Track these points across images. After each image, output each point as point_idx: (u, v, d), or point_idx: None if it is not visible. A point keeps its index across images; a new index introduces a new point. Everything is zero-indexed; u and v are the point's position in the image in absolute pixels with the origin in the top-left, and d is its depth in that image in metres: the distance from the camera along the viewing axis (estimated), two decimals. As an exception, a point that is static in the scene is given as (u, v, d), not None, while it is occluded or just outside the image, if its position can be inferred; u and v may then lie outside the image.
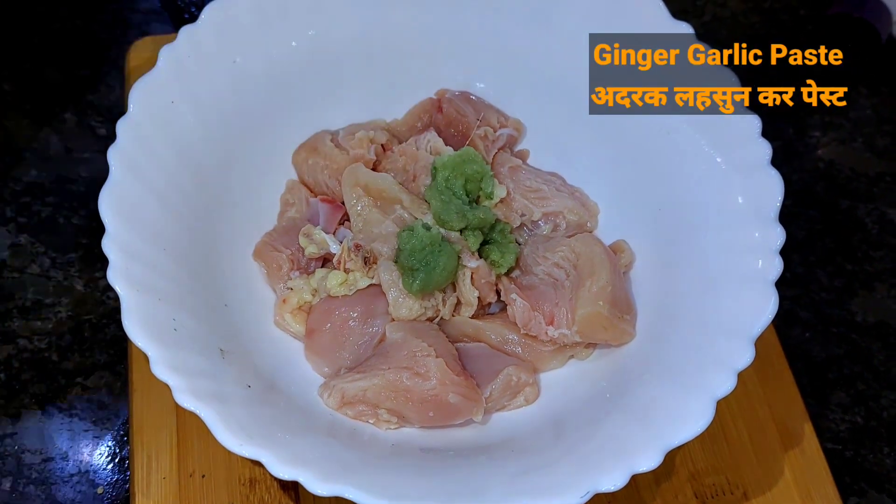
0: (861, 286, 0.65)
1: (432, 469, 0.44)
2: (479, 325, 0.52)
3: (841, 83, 0.74)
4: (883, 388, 0.60)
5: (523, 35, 0.55)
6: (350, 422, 0.48)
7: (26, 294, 0.59)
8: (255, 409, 0.43)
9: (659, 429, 0.42)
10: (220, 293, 0.50)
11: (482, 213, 0.52)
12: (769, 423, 0.54)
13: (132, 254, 0.45)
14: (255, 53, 0.53)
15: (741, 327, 0.44)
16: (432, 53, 0.56)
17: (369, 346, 0.50)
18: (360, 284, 0.50)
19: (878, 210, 0.69)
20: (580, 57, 0.55)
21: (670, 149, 0.52)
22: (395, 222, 0.52)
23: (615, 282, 0.51)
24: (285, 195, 0.56)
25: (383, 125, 0.58)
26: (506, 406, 0.50)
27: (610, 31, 0.53)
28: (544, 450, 0.46)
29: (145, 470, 0.49)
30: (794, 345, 0.61)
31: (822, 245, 0.67)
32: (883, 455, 0.58)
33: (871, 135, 0.73)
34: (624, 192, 0.55)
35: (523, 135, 0.58)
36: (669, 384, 0.45)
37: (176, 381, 0.41)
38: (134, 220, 0.46)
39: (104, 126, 0.66)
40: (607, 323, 0.49)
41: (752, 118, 0.49)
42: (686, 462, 0.52)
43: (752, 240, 0.47)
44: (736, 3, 0.79)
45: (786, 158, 0.71)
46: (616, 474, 0.40)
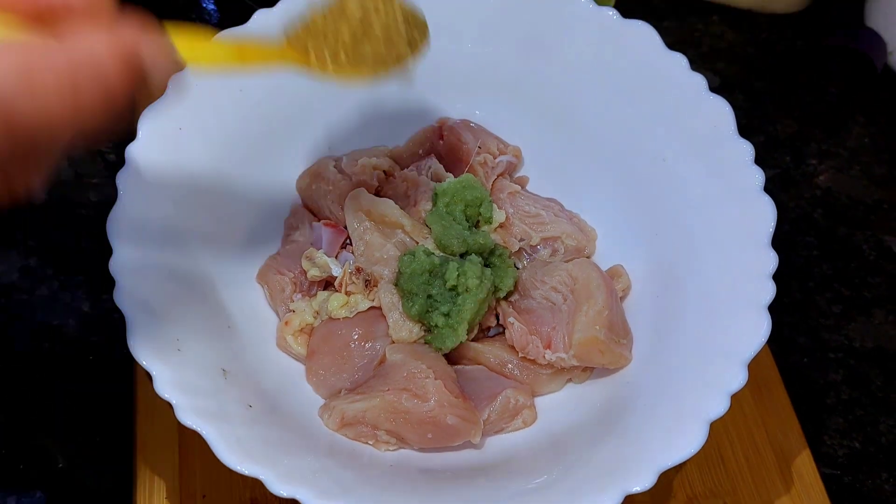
0: (859, 312, 0.65)
1: (430, 489, 0.45)
2: (478, 347, 0.52)
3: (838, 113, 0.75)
4: (881, 413, 0.61)
5: (522, 64, 0.57)
6: (349, 442, 0.48)
7: (34, 316, 0.60)
8: (256, 428, 0.44)
9: (653, 450, 0.43)
10: (223, 315, 0.51)
11: (482, 238, 0.53)
12: (767, 448, 0.54)
13: (138, 276, 0.46)
14: (260, 82, 0.54)
15: (735, 350, 0.45)
16: (433, 82, 0.57)
17: (369, 367, 0.50)
18: (360, 307, 0.51)
19: (876, 237, 0.69)
20: (577, 85, 0.56)
21: (665, 175, 0.53)
22: (397, 246, 0.53)
23: (612, 306, 0.51)
24: (289, 219, 0.57)
25: (386, 152, 0.59)
26: (504, 428, 0.50)
27: (606, 61, 0.54)
28: (541, 471, 0.46)
29: (148, 490, 0.50)
30: (792, 370, 0.61)
31: (819, 271, 0.67)
32: (881, 481, 0.58)
33: (868, 163, 0.74)
34: (621, 217, 0.56)
35: (522, 161, 0.59)
36: (663, 406, 0.45)
37: (178, 400, 0.42)
38: (140, 243, 0.47)
39: (113, 152, 0.67)
40: (604, 347, 0.50)
41: (744, 145, 0.50)
42: (684, 486, 0.53)
43: (746, 264, 0.48)
44: (732, 34, 0.81)
45: (783, 186, 0.72)
46: (610, 495, 0.41)
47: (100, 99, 0.26)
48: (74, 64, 0.25)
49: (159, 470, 0.50)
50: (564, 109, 0.57)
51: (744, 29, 0.81)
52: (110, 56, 0.26)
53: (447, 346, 0.50)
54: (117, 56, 0.26)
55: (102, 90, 0.26)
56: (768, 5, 0.81)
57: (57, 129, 0.26)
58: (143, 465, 0.50)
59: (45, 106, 0.25)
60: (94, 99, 0.26)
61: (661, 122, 0.54)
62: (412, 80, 0.36)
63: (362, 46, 0.34)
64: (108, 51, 0.26)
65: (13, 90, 0.24)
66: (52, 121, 0.26)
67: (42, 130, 0.26)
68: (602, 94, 0.56)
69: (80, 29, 0.26)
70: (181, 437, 0.51)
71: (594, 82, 0.56)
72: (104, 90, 0.26)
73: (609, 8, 0.55)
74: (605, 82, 0.55)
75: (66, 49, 0.25)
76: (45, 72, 0.25)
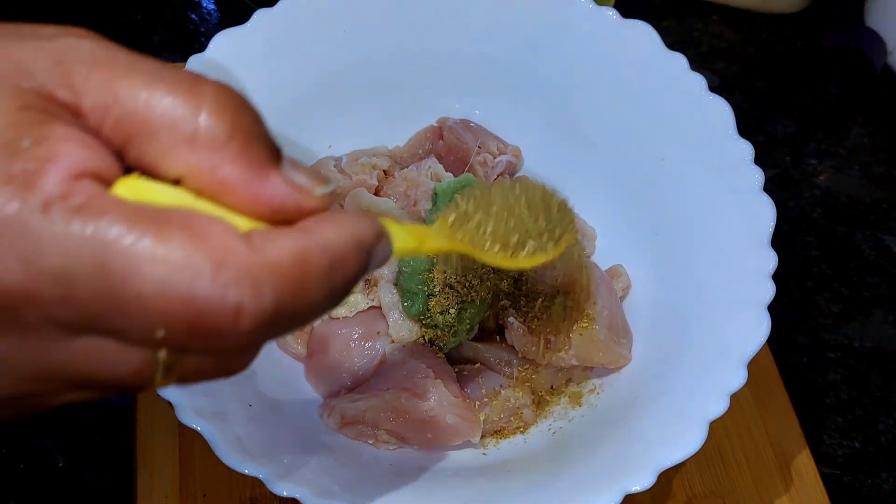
0: (858, 312, 0.65)
1: (430, 488, 0.45)
2: (478, 347, 0.52)
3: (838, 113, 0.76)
4: (881, 413, 0.61)
5: (522, 64, 0.57)
6: (349, 442, 0.48)
7: (35, 315, 0.60)
8: (255, 427, 0.44)
9: (652, 450, 0.43)
10: (223, 315, 0.51)
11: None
12: (766, 447, 0.54)
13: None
14: (261, 83, 0.54)
15: (734, 350, 0.45)
16: (433, 82, 0.58)
17: (369, 367, 0.51)
18: (360, 306, 0.51)
19: (875, 236, 0.69)
20: (577, 85, 0.56)
21: (665, 176, 0.53)
22: (396, 246, 0.53)
23: (611, 306, 0.51)
24: (289, 219, 0.57)
25: (386, 152, 0.59)
26: (504, 428, 0.51)
27: (605, 61, 0.54)
28: (541, 471, 0.46)
29: (148, 489, 0.50)
30: (792, 370, 0.61)
31: (819, 271, 0.67)
32: (881, 480, 0.58)
33: (867, 163, 0.74)
34: (620, 217, 0.56)
35: (522, 161, 0.59)
36: (663, 406, 0.45)
37: (179, 400, 0.42)
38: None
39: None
40: (603, 347, 0.50)
41: (744, 145, 0.50)
42: (683, 486, 0.53)
43: (746, 264, 0.48)
44: (732, 34, 0.81)
45: (783, 186, 0.72)
46: (609, 494, 0.41)
47: (341, 293, 0.27)
48: (333, 261, 0.26)
49: (159, 470, 0.50)
50: (564, 109, 0.57)
51: (743, 29, 0.81)
52: (353, 251, 0.26)
53: (447, 345, 0.50)
54: (357, 250, 0.27)
55: (344, 285, 0.27)
56: (768, 5, 0.81)
57: (306, 320, 0.26)
58: (143, 465, 0.51)
59: (312, 304, 0.26)
60: (339, 293, 0.27)
61: (660, 121, 0.54)
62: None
63: (507, 238, 0.36)
64: (351, 246, 0.26)
65: (293, 289, 0.25)
66: (310, 313, 0.26)
67: (297, 323, 0.26)
68: (601, 93, 0.56)
69: (319, 222, 0.27)
70: (181, 437, 0.51)
71: (594, 82, 0.56)
72: (345, 285, 0.27)
73: (609, 8, 0.55)
74: (605, 82, 0.55)
75: (324, 246, 0.26)
76: (314, 269, 0.25)
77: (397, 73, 0.58)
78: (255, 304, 0.24)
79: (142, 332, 0.24)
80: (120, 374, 0.26)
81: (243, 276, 0.24)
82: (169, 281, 0.23)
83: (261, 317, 0.24)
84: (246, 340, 0.25)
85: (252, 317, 0.24)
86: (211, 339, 0.24)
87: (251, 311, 0.24)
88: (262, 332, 0.25)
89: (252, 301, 0.24)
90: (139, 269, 0.23)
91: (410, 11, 0.57)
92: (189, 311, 0.24)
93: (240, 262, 0.24)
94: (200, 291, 0.24)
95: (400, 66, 0.57)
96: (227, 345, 0.25)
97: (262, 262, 0.24)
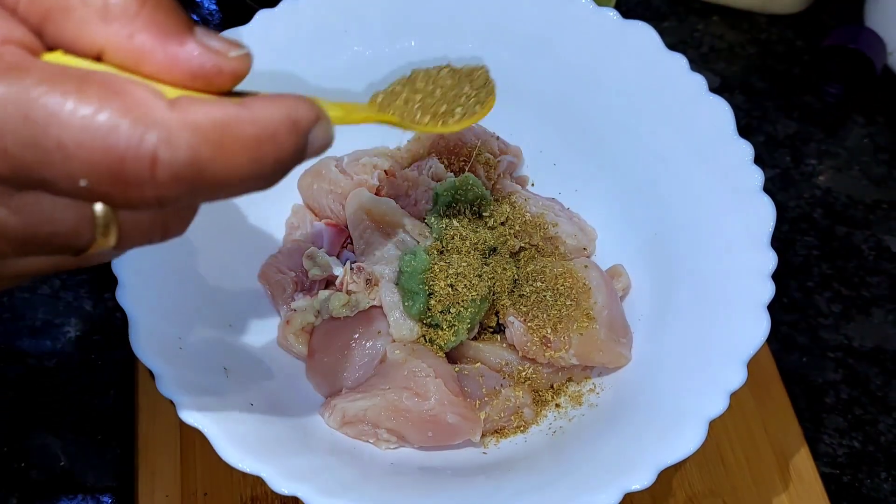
0: (858, 312, 0.65)
1: (431, 487, 0.45)
2: (478, 346, 0.52)
3: (838, 113, 0.76)
4: (880, 412, 0.61)
5: (522, 64, 0.57)
6: (350, 441, 0.49)
7: (36, 314, 0.60)
8: (257, 426, 0.44)
9: (652, 449, 0.43)
10: (225, 314, 0.51)
11: (482, 238, 0.53)
12: (766, 447, 0.55)
13: (140, 275, 0.46)
14: (262, 82, 0.54)
15: (734, 349, 0.45)
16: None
17: (370, 366, 0.51)
18: (361, 306, 0.52)
19: (875, 237, 0.69)
20: (578, 85, 0.56)
21: (665, 176, 0.53)
22: (397, 246, 0.53)
23: (611, 305, 0.52)
24: (290, 219, 0.57)
25: (387, 152, 0.59)
26: (504, 427, 0.51)
27: (606, 61, 0.55)
28: (542, 470, 0.46)
29: (149, 488, 0.50)
30: (792, 370, 0.62)
31: (819, 271, 0.67)
32: (881, 480, 0.58)
33: (867, 163, 0.74)
34: (621, 217, 0.56)
35: (522, 161, 0.60)
36: (663, 405, 0.46)
37: (180, 398, 0.42)
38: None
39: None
40: (604, 346, 0.50)
41: (744, 145, 0.50)
42: (683, 485, 0.53)
43: (746, 264, 0.48)
44: (733, 34, 0.81)
45: (783, 186, 0.72)
46: (609, 493, 0.41)
47: (271, 169, 0.28)
48: (260, 132, 0.28)
49: (161, 468, 0.51)
50: (565, 109, 0.57)
51: (744, 29, 0.81)
52: (286, 128, 0.28)
53: (448, 345, 0.51)
54: (291, 129, 0.28)
55: (276, 161, 0.28)
56: (768, 6, 0.81)
57: (232, 189, 0.28)
58: (144, 464, 0.51)
59: (234, 170, 0.27)
60: (269, 169, 0.28)
61: (661, 122, 0.54)
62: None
63: (436, 108, 0.40)
64: (284, 123, 0.28)
65: (212, 149, 0.27)
66: (233, 184, 0.28)
67: (221, 189, 0.28)
68: (602, 94, 0.56)
69: (256, 99, 0.28)
70: (183, 436, 0.51)
71: (594, 82, 0.56)
72: (277, 161, 0.28)
73: (609, 8, 0.55)
74: (605, 82, 0.56)
75: (252, 117, 0.28)
76: (238, 135, 0.27)
77: (397, 73, 0.58)
78: (169, 153, 0.26)
79: (67, 180, 0.26)
80: (60, 231, 0.28)
81: (161, 128, 0.26)
82: (88, 130, 0.25)
83: (176, 168, 0.26)
84: (166, 191, 0.27)
85: (167, 167, 0.26)
86: (131, 187, 0.26)
87: (166, 159, 0.26)
88: (181, 186, 0.27)
89: (167, 151, 0.26)
90: (60, 119, 0.25)
91: (410, 11, 0.57)
92: (107, 159, 0.26)
93: (157, 115, 0.26)
94: (118, 140, 0.26)
95: (400, 65, 0.58)
96: (147, 195, 0.27)
97: (181, 118, 0.26)
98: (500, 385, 0.51)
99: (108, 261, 0.33)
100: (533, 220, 0.55)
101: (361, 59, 0.57)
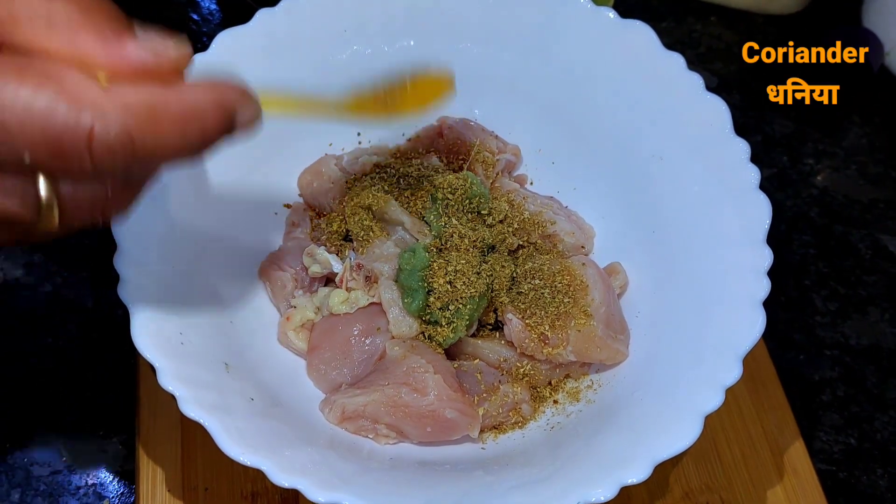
0: (854, 310, 0.66)
1: (430, 481, 0.45)
2: (477, 343, 0.53)
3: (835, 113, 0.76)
4: (876, 410, 0.61)
5: (521, 64, 0.58)
6: (350, 436, 0.49)
7: (38, 311, 0.60)
8: (257, 421, 0.44)
9: (648, 443, 0.43)
10: (226, 310, 0.51)
11: (481, 235, 0.53)
12: (763, 443, 0.55)
13: (142, 271, 0.47)
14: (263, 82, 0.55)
15: (729, 345, 0.46)
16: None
17: (370, 362, 0.51)
18: (361, 303, 0.52)
19: (872, 236, 0.70)
20: (576, 84, 0.57)
21: (663, 174, 0.54)
22: (397, 243, 0.54)
23: (609, 303, 0.52)
24: (291, 216, 0.58)
25: (386, 150, 0.60)
26: (502, 423, 0.51)
27: (604, 61, 0.55)
28: (539, 465, 0.47)
29: (150, 482, 0.51)
30: (788, 367, 0.62)
31: (816, 269, 0.68)
32: (876, 477, 0.59)
33: (864, 163, 0.74)
34: (618, 215, 0.56)
35: (521, 160, 0.60)
36: (659, 401, 0.46)
37: (182, 393, 0.42)
38: (144, 240, 0.48)
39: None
40: (601, 343, 0.51)
41: (741, 144, 0.51)
42: (680, 480, 0.53)
43: (742, 261, 0.48)
44: (730, 34, 0.81)
45: (780, 185, 0.72)
46: (606, 487, 0.41)
47: (199, 142, 0.33)
48: (186, 111, 0.32)
49: (162, 462, 0.51)
50: (563, 108, 0.58)
51: (741, 29, 0.82)
52: (212, 108, 0.33)
53: (446, 341, 0.51)
54: (217, 108, 0.33)
55: (202, 135, 0.32)
56: (766, 6, 0.82)
57: (163, 162, 0.33)
58: (145, 458, 0.51)
59: (162, 142, 0.32)
60: (196, 141, 0.33)
61: (658, 121, 0.54)
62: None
63: (397, 106, 0.45)
64: (211, 104, 0.33)
65: (142, 125, 0.31)
66: (163, 154, 0.32)
67: (153, 161, 0.33)
68: (600, 93, 0.56)
69: (189, 84, 0.33)
70: (183, 431, 0.52)
71: (592, 82, 0.56)
72: (203, 135, 0.33)
73: (607, 8, 0.56)
74: (604, 82, 0.56)
75: (180, 98, 0.32)
76: (165, 113, 0.31)
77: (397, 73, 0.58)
78: (103, 128, 0.30)
79: (12, 156, 0.30)
80: (10, 207, 0.32)
81: (95, 107, 0.30)
82: (29, 110, 0.29)
83: (110, 141, 0.30)
84: (103, 162, 0.30)
85: (103, 140, 0.30)
86: (70, 160, 0.30)
87: (101, 134, 0.30)
88: (116, 157, 0.31)
89: (101, 126, 0.30)
90: (2, 102, 0.29)
91: (409, 11, 0.57)
92: (47, 135, 0.30)
93: (91, 96, 0.30)
94: (57, 118, 0.30)
95: (400, 65, 0.58)
96: (86, 167, 0.31)
97: (113, 99, 0.30)
98: (499, 381, 0.51)
99: (55, 238, 0.36)
100: (531, 218, 0.56)
101: (361, 59, 0.57)
